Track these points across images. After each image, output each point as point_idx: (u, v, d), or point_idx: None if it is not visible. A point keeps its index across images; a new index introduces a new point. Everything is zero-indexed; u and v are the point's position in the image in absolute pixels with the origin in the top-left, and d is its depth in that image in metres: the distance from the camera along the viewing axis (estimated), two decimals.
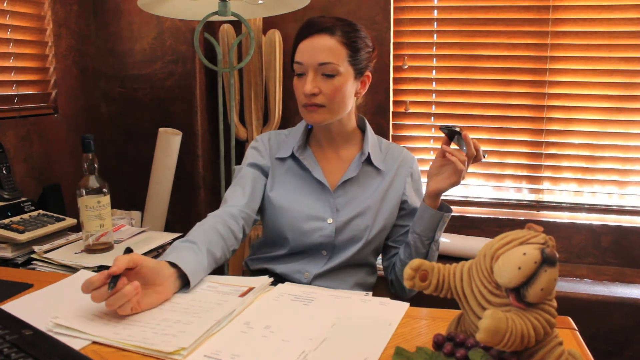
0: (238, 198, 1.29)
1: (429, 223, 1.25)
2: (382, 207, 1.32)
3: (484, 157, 1.21)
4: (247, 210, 1.28)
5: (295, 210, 1.30)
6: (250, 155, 1.38)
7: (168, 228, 2.21)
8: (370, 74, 1.32)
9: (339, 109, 1.26)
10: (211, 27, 2.27)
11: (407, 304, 0.99)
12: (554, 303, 0.69)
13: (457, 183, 1.20)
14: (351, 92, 1.27)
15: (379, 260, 1.42)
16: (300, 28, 1.27)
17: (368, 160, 1.33)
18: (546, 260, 0.64)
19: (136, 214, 2.12)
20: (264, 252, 1.39)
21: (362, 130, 1.39)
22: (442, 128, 1.23)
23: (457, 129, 1.19)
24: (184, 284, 1.03)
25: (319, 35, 1.23)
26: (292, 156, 1.34)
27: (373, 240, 1.32)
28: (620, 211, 2.15)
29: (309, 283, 1.30)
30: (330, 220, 1.29)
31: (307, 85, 1.22)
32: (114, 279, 0.89)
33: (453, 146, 1.23)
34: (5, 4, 1.91)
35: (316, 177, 1.32)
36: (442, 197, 1.27)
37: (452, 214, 1.29)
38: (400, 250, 1.35)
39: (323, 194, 1.32)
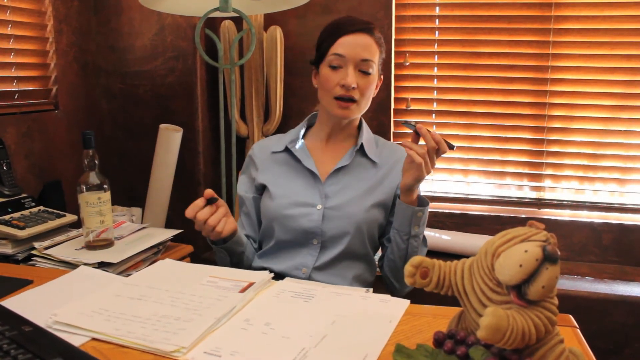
0: (241, 228, 1.43)
1: (402, 218, 1.27)
2: (373, 197, 1.34)
3: (452, 148, 1.21)
4: (250, 234, 1.43)
5: (284, 196, 1.34)
6: (245, 166, 1.47)
7: (169, 224, 2.21)
8: (382, 77, 1.40)
9: (365, 106, 1.35)
10: (212, 24, 2.27)
11: (407, 301, 0.99)
12: (555, 301, 0.69)
13: (421, 177, 1.20)
14: (373, 91, 1.36)
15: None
16: (339, 22, 1.33)
17: (362, 152, 1.38)
18: (548, 258, 0.64)
19: (137, 211, 2.12)
20: (260, 247, 1.42)
21: (359, 128, 1.44)
22: (404, 123, 1.26)
23: (413, 123, 1.21)
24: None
25: (362, 33, 1.30)
26: (287, 149, 1.40)
27: (363, 229, 1.32)
28: (622, 209, 2.15)
29: (308, 278, 1.30)
30: (319, 207, 1.32)
31: (349, 78, 1.28)
32: (210, 202, 1.18)
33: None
34: (5, 0, 1.90)
35: (307, 166, 1.36)
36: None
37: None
38: (387, 247, 1.36)
39: (314, 183, 1.36)
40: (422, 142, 1.23)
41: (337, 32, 1.31)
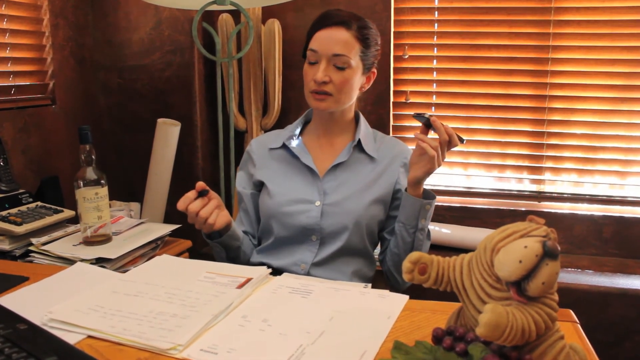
0: (240, 224, 1.43)
1: (410, 211, 1.26)
2: (372, 192, 1.33)
3: (462, 142, 1.21)
4: (249, 230, 1.43)
5: (282, 193, 1.34)
6: (243, 162, 1.47)
7: (167, 219, 2.20)
8: (375, 71, 1.37)
9: (344, 100, 1.32)
10: (210, 17, 2.25)
11: (406, 297, 0.99)
12: (556, 297, 0.68)
13: (432, 170, 1.20)
14: (357, 85, 1.33)
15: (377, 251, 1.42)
16: (317, 18, 1.32)
17: (360, 148, 1.37)
18: (548, 254, 0.63)
19: (135, 205, 2.11)
20: (260, 243, 1.41)
21: (357, 122, 1.42)
22: (415, 116, 1.23)
23: (427, 116, 1.20)
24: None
25: (336, 28, 1.27)
26: (284, 146, 1.39)
27: (362, 225, 1.32)
28: (622, 202, 2.14)
29: (306, 274, 1.30)
30: (318, 203, 1.31)
31: (319, 73, 1.27)
32: (201, 194, 1.18)
33: (433, 134, 1.22)
34: None
35: (305, 162, 1.35)
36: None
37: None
38: (390, 241, 1.35)
39: (312, 179, 1.35)
40: (431, 134, 1.22)
41: (314, 27, 1.31)
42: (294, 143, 1.39)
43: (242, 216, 1.43)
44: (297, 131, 1.41)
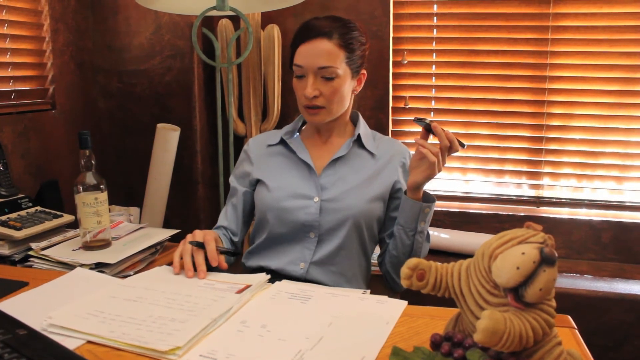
0: (224, 219, 1.43)
1: (409, 214, 1.26)
2: (371, 189, 1.33)
3: (463, 147, 1.21)
4: (231, 227, 1.42)
5: (281, 188, 1.33)
6: (239, 160, 1.47)
7: (167, 224, 2.20)
8: (365, 72, 1.36)
9: (337, 109, 1.32)
10: (209, 22, 2.26)
11: (405, 302, 0.99)
12: (553, 303, 0.69)
13: (432, 175, 1.20)
14: (349, 91, 1.32)
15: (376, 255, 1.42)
16: (297, 31, 1.30)
17: (359, 143, 1.37)
18: (545, 260, 0.64)
19: (135, 210, 2.11)
20: (254, 242, 1.40)
21: (355, 124, 1.42)
22: (415, 120, 1.23)
23: (427, 121, 1.20)
24: None
25: (317, 40, 1.26)
26: (282, 141, 1.39)
27: (361, 222, 1.31)
28: (621, 207, 2.14)
29: (305, 273, 1.29)
30: (316, 199, 1.31)
31: (308, 88, 1.26)
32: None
33: (434, 140, 1.22)
34: (1, 0, 1.90)
35: (301, 157, 1.35)
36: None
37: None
38: (389, 243, 1.35)
39: (309, 175, 1.34)
40: (431, 139, 1.22)
41: (295, 41, 1.30)
42: (292, 137, 1.39)
43: (229, 210, 1.43)
44: (296, 128, 1.42)
